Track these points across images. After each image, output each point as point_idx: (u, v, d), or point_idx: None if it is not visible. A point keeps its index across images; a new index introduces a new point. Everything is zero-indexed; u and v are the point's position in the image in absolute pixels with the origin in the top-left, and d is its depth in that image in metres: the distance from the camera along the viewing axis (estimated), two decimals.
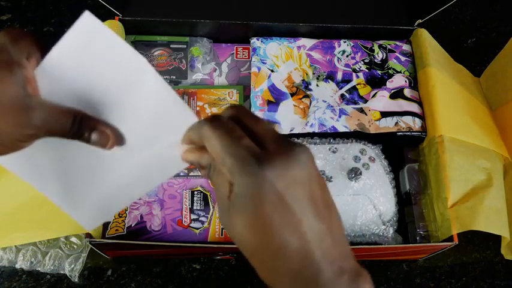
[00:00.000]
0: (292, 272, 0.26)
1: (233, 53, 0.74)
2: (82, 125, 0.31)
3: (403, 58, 0.72)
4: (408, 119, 0.66)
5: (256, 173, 0.25)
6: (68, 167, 0.36)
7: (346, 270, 0.27)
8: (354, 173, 0.60)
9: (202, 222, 0.61)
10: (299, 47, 0.71)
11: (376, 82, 0.69)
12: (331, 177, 0.60)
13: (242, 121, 0.28)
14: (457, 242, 0.56)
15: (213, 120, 0.28)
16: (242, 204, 0.26)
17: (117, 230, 0.60)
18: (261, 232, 0.26)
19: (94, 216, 0.37)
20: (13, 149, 0.31)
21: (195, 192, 0.63)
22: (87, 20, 0.29)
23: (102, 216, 0.38)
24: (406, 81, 0.69)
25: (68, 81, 0.31)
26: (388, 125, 0.66)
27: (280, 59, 0.70)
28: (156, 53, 0.71)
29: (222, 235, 0.61)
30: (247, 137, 0.27)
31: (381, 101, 0.67)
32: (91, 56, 0.31)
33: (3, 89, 0.28)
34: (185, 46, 0.72)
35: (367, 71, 0.70)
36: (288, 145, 0.27)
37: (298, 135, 0.65)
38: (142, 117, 0.32)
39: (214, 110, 0.68)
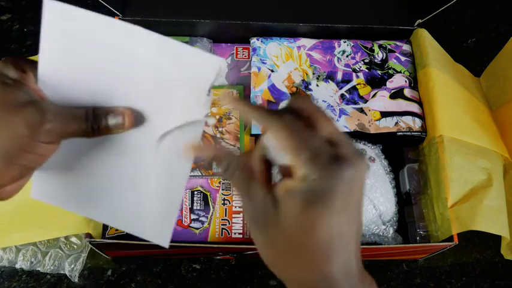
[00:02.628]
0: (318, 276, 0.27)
1: (233, 53, 0.74)
2: (96, 116, 0.31)
3: (403, 58, 0.72)
4: (408, 119, 0.66)
5: (338, 169, 0.26)
6: (108, 189, 0.35)
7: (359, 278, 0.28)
8: None
9: (202, 222, 0.61)
10: (299, 47, 0.71)
11: (376, 82, 0.69)
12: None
13: (312, 117, 0.28)
14: (457, 242, 0.56)
15: (287, 112, 0.28)
16: (315, 197, 0.26)
17: (117, 229, 0.60)
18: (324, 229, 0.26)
19: (161, 227, 0.36)
20: (41, 156, 0.31)
21: (195, 192, 0.63)
22: (51, 6, 0.28)
23: (168, 221, 0.36)
24: (406, 81, 0.69)
25: (68, 80, 0.31)
26: (388, 125, 0.66)
27: (280, 59, 0.70)
28: None
29: (222, 235, 0.61)
30: (321, 134, 0.27)
31: (381, 101, 0.67)
32: (77, 45, 0.30)
33: (12, 99, 0.29)
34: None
35: (367, 71, 0.70)
36: (356, 150, 0.28)
37: None
38: (155, 86, 0.31)
39: (214, 110, 0.68)
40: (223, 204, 0.62)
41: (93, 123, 0.31)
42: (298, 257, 0.27)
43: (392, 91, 0.68)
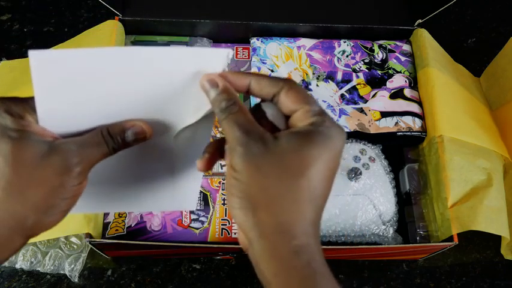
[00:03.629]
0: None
1: (233, 53, 0.74)
2: (111, 134, 0.30)
3: (403, 58, 0.72)
4: (408, 119, 0.66)
5: (338, 126, 0.29)
6: (134, 185, 0.36)
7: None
8: (354, 173, 0.60)
9: (202, 222, 0.61)
10: (299, 47, 0.71)
11: (376, 82, 0.69)
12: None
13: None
14: (457, 242, 0.56)
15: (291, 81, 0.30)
16: (320, 138, 0.28)
17: (117, 230, 0.60)
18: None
19: (187, 195, 0.38)
20: (75, 196, 0.31)
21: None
22: (37, 57, 0.26)
23: (194, 189, 0.38)
24: (406, 81, 0.69)
25: (72, 113, 0.30)
26: (388, 125, 0.66)
27: (280, 59, 0.70)
28: None
29: (222, 235, 0.61)
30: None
31: (381, 101, 0.67)
32: (73, 83, 0.29)
33: (30, 154, 0.28)
34: (185, 46, 0.72)
35: (367, 71, 0.70)
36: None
37: None
38: (163, 95, 0.31)
39: None
40: (223, 204, 0.62)
41: (113, 144, 0.30)
42: (288, 191, 0.27)
43: (392, 91, 0.68)
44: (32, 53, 0.26)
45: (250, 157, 0.27)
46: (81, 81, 0.28)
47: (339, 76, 0.69)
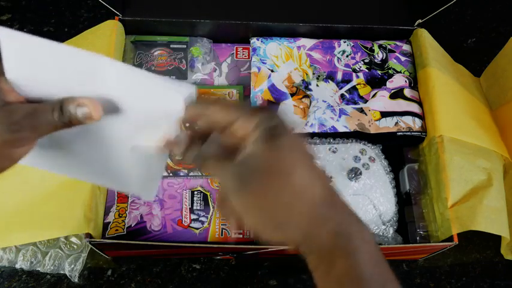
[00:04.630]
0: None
1: (233, 53, 0.74)
2: (63, 108, 0.30)
3: (403, 58, 0.72)
4: (408, 119, 0.66)
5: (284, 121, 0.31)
6: (92, 159, 0.36)
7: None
8: (354, 173, 0.60)
9: (202, 222, 0.61)
10: (299, 47, 0.71)
11: (376, 82, 0.69)
12: (331, 177, 0.60)
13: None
14: (457, 242, 0.56)
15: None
16: (275, 132, 0.29)
17: (117, 230, 0.60)
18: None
19: (144, 184, 0.37)
20: (13, 159, 0.31)
21: (195, 192, 0.63)
22: (5, 33, 0.29)
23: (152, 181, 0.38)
24: (406, 81, 0.69)
25: (36, 88, 0.31)
26: (388, 125, 0.66)
27: (280, 59, 0.70)
28: (156, 53, 0.71)
29: (222, 235, 0.61)
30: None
31: (381, 101, 0.67)
32: (38, 66, 0.30)
33: None
34: (185, 46, 0.72)
35: (367, 71, 0.70)
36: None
37: None
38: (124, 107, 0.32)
39: None
40: None
41: (61, 115, 0.30)
42: (276, 197, 0.29)
43: (392, 91, 0.68)
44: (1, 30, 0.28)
45: (239, 198, 0.30)
46: (41, 64, 0.30)
47: (339, 76, 0.69)
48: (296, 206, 0.29)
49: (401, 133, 0.65)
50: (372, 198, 0.60)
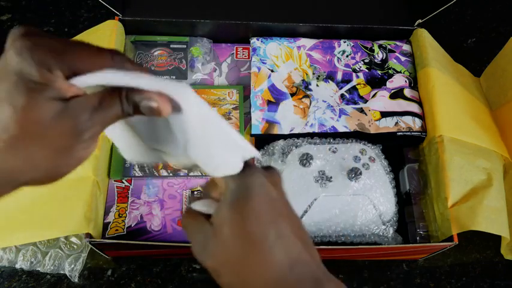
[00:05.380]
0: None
1: (233, 53, 0.74)
2: (129, 99, 0.28)
3: (403, 58, 0.72)
4: (408, 119, 0.66)
5: (247, 176, 0.31)
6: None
7: (323, 279, 0.30)
8: (354, 173, 0.60)
9: None
10: (299, 47, 0.71)
11: (376, 82, 0.69)
12: (331, 177, 0.60)
13: None
14: (457, 242, 0.56)
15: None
16: (237, 199, 0.30)
17: (117, 230, 0.60)
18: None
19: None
20: (80, 159, 0.29)
21: (195, 192, 0.63)
22: None
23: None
24: (406, 81, 0.69)
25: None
26: (388, 125, 0.66)
27: (280, 59, 0.70)
28: (156, 53, 0.71)
29: None
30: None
31: (381, 101, 0.67)
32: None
33: (42, 114, 0.26)
34: (185, 46, 0.72)
35: (367, 71, 0.70)
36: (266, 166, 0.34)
37: (298, 135, 0.65)
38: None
39: (214, 110, 0.68)
40: None
41: (128, 109, 0.28)
42: (245, 257, 0.29)
43: (393, 91, 0.68)
44: None
45: (203, 252, 0.33)
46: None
47: (339, 76, 0.69)
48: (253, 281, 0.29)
49: (401, 133, 0.65)
50: (372, 198, 0.60)
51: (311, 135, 0.65)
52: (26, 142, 0.26)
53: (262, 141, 0.66)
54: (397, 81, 0.69)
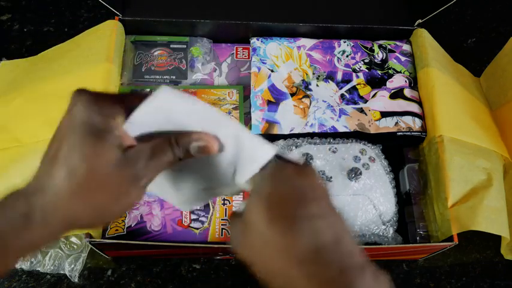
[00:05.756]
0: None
1: (233, 53, 0.74)
2: (179, 143, 0.30)
3: (403, 58, 0.72)
4: (408, 119, 0.66)
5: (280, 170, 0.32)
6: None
7: (366, 267, 0.29)
8: (354, 173, 0.60)
9: (202, 222, 0.61)
10: (299, 47, 0.71)
11: (376, 82, 0.69)
12: (331, 177, 0.60)
13: None
14: (457, 242, 0.56)
15: None
16: (262, 194, 0.30)
17: (117, 230, 0.60)
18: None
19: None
20: (132, 205, 0.31)
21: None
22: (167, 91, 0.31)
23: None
24: (406, 81, 0.69)
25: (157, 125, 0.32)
26: (388, 125, 0.66)
27: (280, 59, 0.70)
28: (156, 53, 0.71)
29: (221, 235, 0.61)
30: None
31: (381, 101, 0.67)
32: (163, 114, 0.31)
33: (105, 160, 0.28)
34: (185, 46, 0.72)
35: (367, 71, 0.70)
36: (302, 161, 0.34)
37: (298, 135, 0.65)
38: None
39: None
40: (223, 204, 0.62)
41: (179, 153, 0.30)
42: (272, 244, 0.29)
43: (393, 91, 0.68)
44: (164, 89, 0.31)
45: (247, 251, 0.33)
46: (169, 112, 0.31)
47: (339, 76, 0.69)
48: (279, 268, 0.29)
49: (401, 133, 0.65)
50: (372, 198, 0.60)
51: (311, 135, 0.65)
52: (91, 188, 0.28)
53: None
54: (397, 81, 0.69)
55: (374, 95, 0.68)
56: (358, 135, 0.65)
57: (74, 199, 0.28)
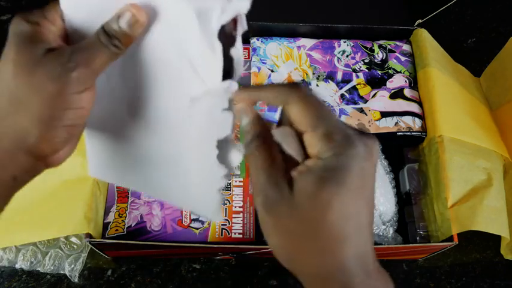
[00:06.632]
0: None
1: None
2: (106, 30, 0.28)
3: (403, 58, 0.72)
4: (408, 119, 0.66)
5: (351, 147, 0.26)
6: (151, 162, 0.34)
7: (372, 270, 0.27)
8: None
9: (202, 222, 0.61)
10: (299, 47, 0.71)
11: (376, 82, 0.69)
12: None
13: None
14: (457, 242, 0.56)
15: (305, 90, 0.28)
16: (329, 175, 0.25)
17: (117, 230, 0.60)
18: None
19: (208, 201, 0.34)
20: (79, 109, 0.29)
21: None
22: None
23: (213, 194, 0.33)
24: (406, 81, 0.69)
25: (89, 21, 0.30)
26: (388, 125, 0.66)
27: (280, 59, 0.70)
28: None
29: (222, 235, 0.61)
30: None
31: (381, 101, 0.67)
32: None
33: (29, 58, 0.27)
34: None
35: (367, 71, 0.70)
36: (368, 133, 0.29)
37: None
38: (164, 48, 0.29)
39: None
40: (223, 204, 0.62)
41: (109, 40, 0.28)
42: (312, 241, 0.26)
43: (392, 91, 0.68)
44: None
45: (268, 208, 0.26)
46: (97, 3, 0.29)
47: (339, 76, 0.69)
48: (313, 264, 0.26)
49: (401, 133, 0.65)
50: None
51: None
52: (21, 92, 0.27)
53: None
54: (397, 81, 0.69)
55: (374, 95, 0.68)
56: None
57: (11, 111, 0.27)
